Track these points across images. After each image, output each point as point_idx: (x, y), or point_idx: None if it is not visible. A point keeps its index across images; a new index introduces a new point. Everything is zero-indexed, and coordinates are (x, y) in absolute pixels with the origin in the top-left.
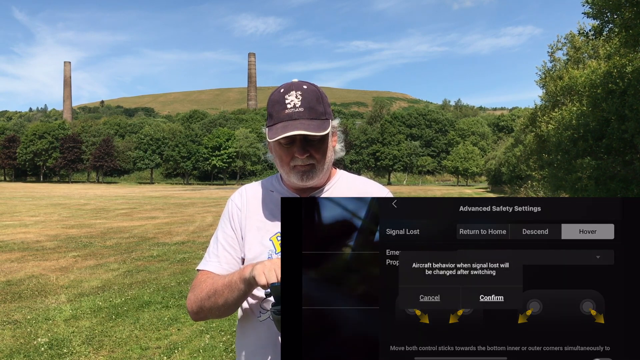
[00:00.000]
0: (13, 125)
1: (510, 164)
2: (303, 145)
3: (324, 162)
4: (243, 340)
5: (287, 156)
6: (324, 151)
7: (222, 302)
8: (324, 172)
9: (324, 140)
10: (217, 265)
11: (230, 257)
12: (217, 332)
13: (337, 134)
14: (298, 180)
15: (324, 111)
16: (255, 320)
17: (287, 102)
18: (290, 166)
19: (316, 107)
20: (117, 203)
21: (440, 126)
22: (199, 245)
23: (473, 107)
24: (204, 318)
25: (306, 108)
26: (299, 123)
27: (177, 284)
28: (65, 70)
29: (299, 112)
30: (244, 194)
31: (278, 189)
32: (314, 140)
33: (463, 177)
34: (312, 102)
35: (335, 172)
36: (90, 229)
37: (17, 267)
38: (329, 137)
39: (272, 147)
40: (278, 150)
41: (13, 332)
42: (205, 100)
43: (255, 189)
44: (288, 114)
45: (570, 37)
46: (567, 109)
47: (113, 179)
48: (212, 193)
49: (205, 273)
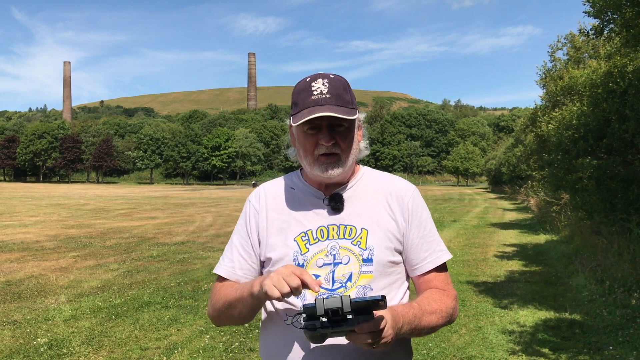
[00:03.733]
0: (13, 125)
1: (510, 164)
2: (329, 131)
3: (349, 154)
4: (268, 342)
5: (312, 144)
6: (349, 141)
7: (237, 314)
8: (348, 165)
9: (350, 129)
10: (230, 272)
11: (245, 263)
12: (217, 332)
13: (363, 130)
14: (322, 172)
15: (350, 100)
16: (281, 323)
17: (313, 89)
18: (315, 156)
19: (343, 95)
20: (116, 203)
21: (440, 126)
22: (198, 246)
23: (473, 107)
24: (226, 325)
25: (333, 95)
26: (325, 108)
27: (177, 284)
28: (65, 70)
29: (326, 98)
30: (262, 194)
31: (299, 185)
32: (340, 128)
33: (463, 177)
34: (339, 89)
35: (358, 168)
36: (90, 229)
37: (16, 267)
38: (355, 127)
39: (295, 139)
40: (302, 138)
41: (13, 332)
42: (205, 100)
43: (274, 187)
44: (314, 100)
45: (571, 37)
46: (567, 108)
47: (113, 179)
48: (212, 193)
49: (219, 283)
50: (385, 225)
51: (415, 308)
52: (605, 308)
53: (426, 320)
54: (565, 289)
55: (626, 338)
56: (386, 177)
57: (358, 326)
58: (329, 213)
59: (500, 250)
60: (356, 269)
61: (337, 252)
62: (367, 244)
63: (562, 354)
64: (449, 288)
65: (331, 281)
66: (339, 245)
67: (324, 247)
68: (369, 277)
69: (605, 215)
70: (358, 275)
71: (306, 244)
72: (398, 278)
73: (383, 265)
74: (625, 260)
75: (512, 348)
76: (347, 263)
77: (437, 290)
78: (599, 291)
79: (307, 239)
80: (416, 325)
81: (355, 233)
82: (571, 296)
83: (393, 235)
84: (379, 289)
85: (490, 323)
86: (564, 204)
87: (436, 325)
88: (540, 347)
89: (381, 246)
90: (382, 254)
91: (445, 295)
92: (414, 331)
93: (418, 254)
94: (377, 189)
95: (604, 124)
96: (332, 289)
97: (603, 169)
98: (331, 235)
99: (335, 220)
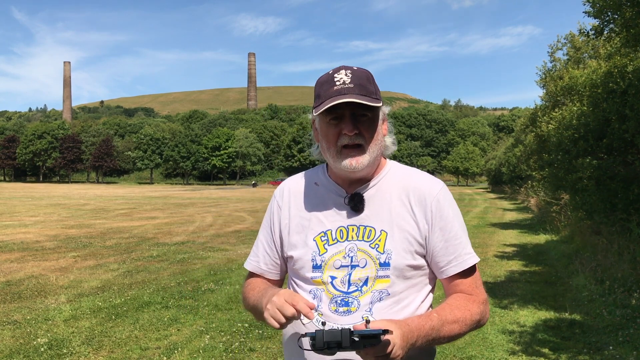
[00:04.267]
0: (13, 125)
1: (510, 164)
2: (352, 120)
3: (373, 146)
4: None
5: (335, 135)
6: (373, 131)
7: (259, 317)
8: (373, 159)
9: (374, 119)
10: (256, 266)
11: (269, 258)
12: (217, 332)
13: (388, 125)
14: (346, 164)
15: (374, 91)
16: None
17: (336, 80)
18: (338, 147)
19: (367, 86)
20: (116, 203)
21: (440, 126)
22: (198, 246)
23: (473, 107)
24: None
25: (356, 85)
26: (348, 96)
27: (177, 284)
28: (65, 70)
29: (349, 88)
30: (286, 190)
31: (323, 181)
32: (364, 118)
33: (463, 177)
34: (363, 80)
35: (385, 162)
36: (90, 229)
37: (16, 267)
38: (379, 118)
39: (317, 133)
40: (324, 129)
41: (13, 332)
42: (205, 100)
43: (298, 182)
44: (337, 90)
45: (571, 37)
46: (567, 108)
47: (113, 179)
48: (212, 193)
49: (248, 279)
50: (405, 227)
51: (434, 320)
52: (605, 308)
53: (447, 329)
54: (565, 289)
55: (626, 338)
56: (412, 174)
57: (363, 350)
58: (349, 213)
59: (500, 250)
60: (372, 273)
61: (355, 255)
62: (385, 248)
63: (562, 354)
64: (477, 292)
65: (347, 284)
66: (357, 247)
67: (342, 249)
68: (386, 282)
69: (605, 215)
70: (374, 280)
71: (325, 244)
72: (419, 281)
73: (401, 270)
74: (625, 260)
75: (512, 348)
76: (364, 266)
77: (462, 296)
78: (599, 291)
79: (326, 239)
80: (434, 336)
81: (374, 235)
82: (571, 296)
83: (414, 238)
84: (397, 293)
85: (490, 323)
86: (564, 204)
87: (459, 333)
88: (540, 347)
89: (400, 249)
90: (400, 258)
91: (472, 300)
92: (433, 342)
93: (443, 258)
94: (401, 187)
95: (604, 124)
96: (348, 292)
97: (603, 169)
98: (350, 236)
99: (355, 221)
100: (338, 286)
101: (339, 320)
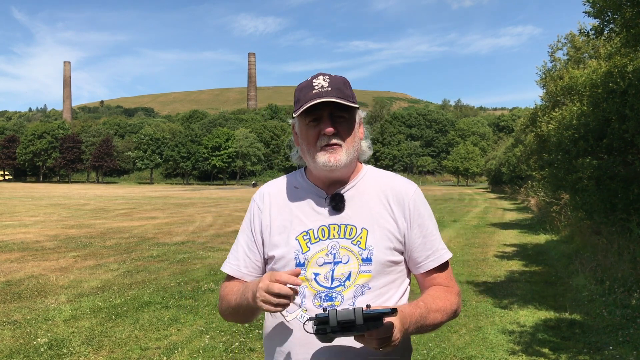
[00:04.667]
0: (13, 125)
1: (510, 163)
2: (331, 119)
3: (351, 147)
4: (271, 339)
5: (314, 135)
6: (350, 132)
7: (241, 316)
8: (350, 159)
9: (351, 121)
10: (236, 270)
11: (250, 261)
12: (217, 332)
13: (364, 130)
14: (325, 161)
15: (351, 95)
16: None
17: (314, 85)
18: (317, 147)
19: (344, 90)
20: (116, 203)
21: (440, 126)
22: (198, 246)
23: (473, 107)
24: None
25: (334, 88)
26: (327, 98)
27: (177, 284)
28: (65, 70)
29: (327, 91)
30: (266, 193)
31: (302, 184)
32: (341, 119)
33: (463, 177)
34: (340, 85)
35: (361, 167)
36: (90, 229)
37: (16, 267)
38: (356, 121)
39: (297, 137)
40: (304, 131)
41: (13, 332)
42: (205, 100)
43: (278, 186)
44: (316, 93)
45: (571, 37)
46: (567, 108)
47: (113, 179)
48: (212, 193)
49: (226, 282)
50: (385, 225)
51: (421, 307)
52: (605, 308)
53: (432, 318)
54: (565, 289)
55: (626, 338)
56: (388, 177)
57: (367, 332)
58: (330, 213)
59: (500, 250)
60: (355, 268)
61: (337, 252)
62: (366, 244)
63: (562, 354)
64: (452, 284)
65: (330, 279)
66: (339, 244)
67: (324, 246)
68: (368, 277)
69: (605, 215)
70: (357, 275)
71: (307, 242)
72: (398, 277)
73: (382, 265)
74: (625, 260)
75: (512, 348)
76: (346, 262)
77: (441, 288)
78: (599, 291)
79: (308, 238)
80: (422, 324)
81: (355, 233)
82: (571, 296)
83: (393, 235)
84: (378, 287)
85: (490, 323)
86: (564, 204)
87: (441, 322)
88: (540, 347)
89: (380, 246)
90: (381, 253)
91: (449, 292)
92: (420, 330)
93: (420, 253)
94: (379, 188)
95: (604, 124)
96: (331, 287)
97: (603, 169)
98: (332, 234)
99: (336, 220)
100: (322, 282)
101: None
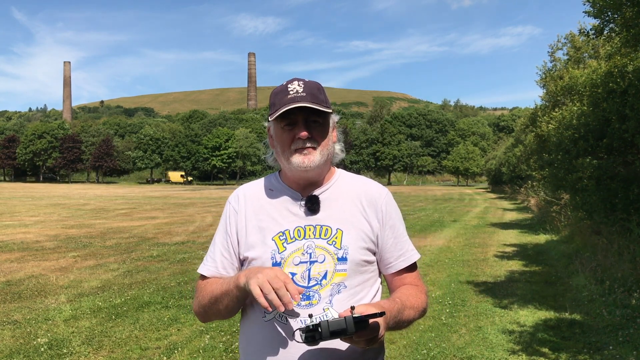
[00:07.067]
0: (13, 125)
1: (510, 163)
2: (305, 124)
3: (324, 149)
4: (247, 339)
5: (289, 139)
6: (324, 135)
7: (223, 307)
8: (323, 161)
9: (325, 126)
10: (214, 270)
11: (227, 262)
12: (217, 332)
13: (337, 133)
14: (300, 162)
15: (325, 100)
16: (260, 321)
17: (289, 90)
18: (292, 150)
19: (318, 95)
20: (116, 203)
21: (440, 126)
22: (198, 246)
23: (473, 107)
24: (212, 320)
25: (308, 93)
26: (301, 103)
27: (177, 284)
28: (65, 70)
29: (302, 97)
30: (242, 196)
31: (277, 187)
32: (315, 124)
33: (463, 177)
34: (314, 90)
35: (334, 171)
36: (90, 229)
37: (16, 267)
38: (330, 126)
39: (273, 140)
40: (279, 134)
41: (13, 332)
42: (205, 100)
43: (253, 188)
44: (291, 98)
45: (571, 36)
46: (567, 108)
47: (113, 179)
48: (212, 193)
49: (202, 281)
50: (359, 226)
51: (398, 303)
52: (605, 308)
53: (406, 314)
54: (565, 289)
55: (626, 338)
56: (361, 180)
57: (356, 334)
58: (305, 214)
59: (500, 250)
60: (331, 267)
61: (313, 251)
62: (342, 244)
63: (562, 354)
64: (421, 284)
65: (307, 279)
66: (315, 244)
67: (300, 246)
68: (343, 275)
69: (605, 215)
70: (333, 273)
71: (284, 242)
72: (371, 276)
73: (357, 264)
74: (625, 260)
75: (512, 348)
76: (322, 261)
77: (412, 287)
78: (599, 291)
79: (284, 238)
80: (399, 319)
81: (330, 233)
82: (571, 296)
83: (367, 235)
84: (353, 286)
85: (490, 323)
86: (564, 204)
87: (413, 318)
88: (540, 347)
89: (355, 246)
90: (356, 253)
91: (420, 291)
92: (396, 325)
93: (392, 254)
94: (352, 191)
95: (604, 124)
96: (308, 286)
97: (603, 169)
98: (307, 235)
99: (311, 221)
100: (298, 281)
101: (303, 312)
